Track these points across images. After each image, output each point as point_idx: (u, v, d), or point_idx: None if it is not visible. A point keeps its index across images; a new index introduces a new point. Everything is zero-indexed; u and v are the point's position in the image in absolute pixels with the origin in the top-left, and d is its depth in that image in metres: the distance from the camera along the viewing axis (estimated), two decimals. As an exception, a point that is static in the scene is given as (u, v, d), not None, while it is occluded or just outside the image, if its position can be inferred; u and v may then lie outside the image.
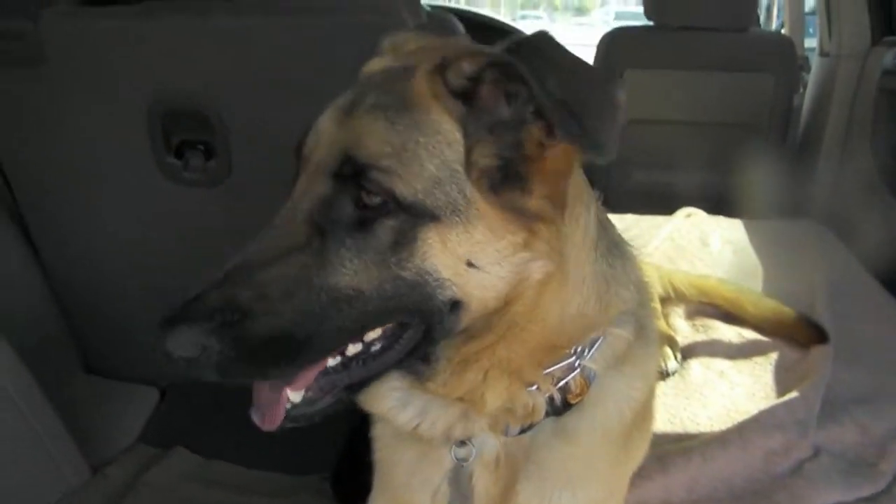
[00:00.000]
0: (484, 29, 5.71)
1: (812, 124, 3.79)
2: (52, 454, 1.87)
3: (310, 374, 1.06)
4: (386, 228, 0.97)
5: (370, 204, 0.97)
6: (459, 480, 1.22)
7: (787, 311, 2.42)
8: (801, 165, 3.84)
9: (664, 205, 3.35)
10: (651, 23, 3.75)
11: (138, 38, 1.93)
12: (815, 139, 3.70)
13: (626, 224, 2.66)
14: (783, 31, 4.15)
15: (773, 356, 2.34)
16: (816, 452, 1.93)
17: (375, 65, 1.18)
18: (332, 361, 1.05)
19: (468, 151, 0.99)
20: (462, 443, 1.19)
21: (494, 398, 1.10)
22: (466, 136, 0.99)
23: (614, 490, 1.38)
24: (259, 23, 1.92)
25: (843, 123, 3.54)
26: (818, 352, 2.28)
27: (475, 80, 0.98)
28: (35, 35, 1.90)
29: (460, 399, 1.12)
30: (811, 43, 4.12)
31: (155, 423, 2.31)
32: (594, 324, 1.13)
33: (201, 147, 2.00)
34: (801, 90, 3.93)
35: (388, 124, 0.99)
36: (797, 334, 2.39)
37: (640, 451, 1.40)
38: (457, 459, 1.20)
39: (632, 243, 1.25)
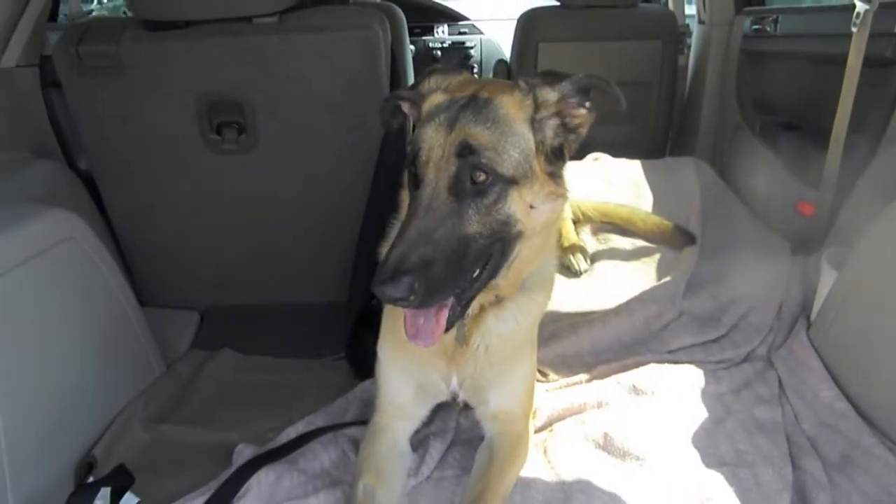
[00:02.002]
0: (421, 9, 6.35)
1: (695, 80, 4.47)
2: (144, 345, 2.57)
3: (450, 299, 1.61)
4: (492, 193, 1.57)
5: (479, 180, 1.56)
6: (460, 328, 1.86)
7: (667, 223, 3.25)
8: (688, 114, 4.60)
9: (579, 152, 4.06)
10: (558, 3, 4.43)
11: (189, 52, 2.65)
12: (698, 92, 4.39)
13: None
14: (669, 4, 4.74)
15: (657, 256, 3.17)
16: (680, 315, 2.75)
17: (436, 98, 1.69)
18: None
19: (535, 142, 1.65)
20: None
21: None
22: (534, 133, 1.65)
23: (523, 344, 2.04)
24: (275, 39, 2.68)
25: (718, 79, 4.19)
26: (688, 251, 3.11)
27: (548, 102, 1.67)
28: (116, 54, 2.61)
29: None
30: (692, 11, 4.76)
31: (201, 336, 3.02)
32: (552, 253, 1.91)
33: (235, 126, 2.74)
34: (686, 52, 4.63)
35: (485, 129, 1.58)
36: (674, 240, 3.21)
37: (531, 338, 2.08)
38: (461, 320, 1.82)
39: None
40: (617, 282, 3.01)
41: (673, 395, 2.29)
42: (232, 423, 2.38)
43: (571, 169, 3.67)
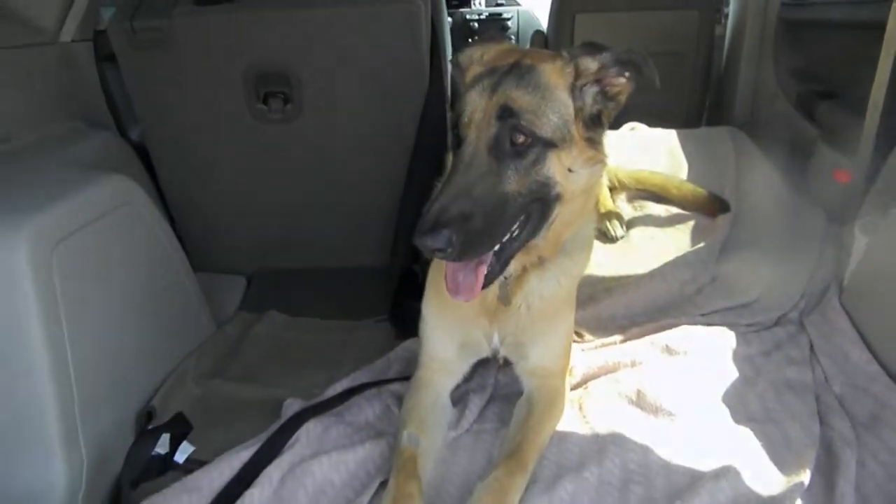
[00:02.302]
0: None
1: (732, 50, 4.45)
2: (196, 306, 2.71)
3: (489, 254, 1.71)
4: (531, 154, 1.66)
5: (518, 141, 1.65)
6: (502, 287, 1.99)
7: (701, 191, 3.29)
8: (725, 84, 4.61)
9: (616, 122, 4.12)
10: (596, -26, 4.46)
11: (236, 26, 2.75)
12: (735, 62, 4.38)
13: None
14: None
15: (690, 223, 3.23)
16: (713, 279, 2.81)
17: (480, 66, 1.78)
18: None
19: (575, 109, 1.73)
20: None
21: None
22: (574, 100, 1.73)
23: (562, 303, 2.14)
24: (320, 13, 2.78)
25: (756, 48, 4.20)
26: (722, 218, 3.16)
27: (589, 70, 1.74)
28: (168, 28, 2.73)
29: None
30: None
31: (248, 299, 3.15)
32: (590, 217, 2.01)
33: (281, 96, 2.85)
34: (723, 21, 4.64)
35: (526, 94, 1.67)
36: (709, 208, 3.25)
37: (570, 299, 2.18)
38: (504, 278, 1.96)
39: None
40: (651, 248, 3.07)
41: (704, 355, 2.36)
42: (279, 380, 2.50)
43: (607, 137, 3.77)
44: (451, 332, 2.12)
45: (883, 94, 2.87)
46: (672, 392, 2.17)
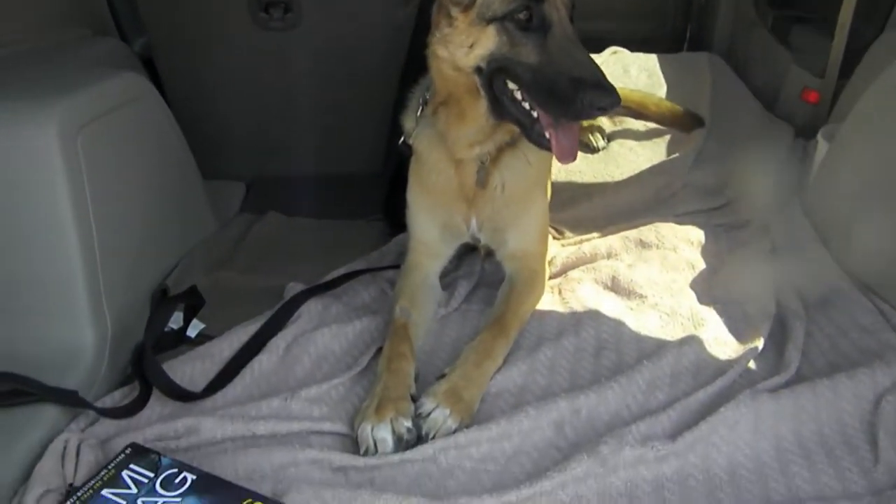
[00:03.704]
0: None
1: (714, -23, 4.64)
2: (203, 202, 2.86)
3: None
4: None
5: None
6: (479, 172, 2.17)
7: (677, 108, 3.47)
8: (706, 11, 4.73)
9: (599, 48, 4.26)
10: None
11: None
12: (717, -10, 4.56)
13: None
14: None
15: (667, 137, 3.42)
16: (685, 185, 3.00)
17: None
18: None
19: None
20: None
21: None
22: None
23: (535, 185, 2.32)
24: None
25: (736, -25, 4.39)
26: (697, 132, 3.34)
27: None
28: None
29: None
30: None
31: (248, 203, 3.30)
32: None
33: (282, 4, 2.98)
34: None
35: None
36: (684, 124, 3.44)
37: (543, 182, 2.36)
38: (481, 163, 2.16)
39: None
40: (630, 158, 3.27)
41: (675, 247, 2.55)
42: (281, 271, 2.64)
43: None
44: (433, 216, 2.30)
45: (850, 15, 3.05)
46: (644, 278, 2.37)
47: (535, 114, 1.92)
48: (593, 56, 1.91)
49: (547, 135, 1.92)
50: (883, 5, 3.05)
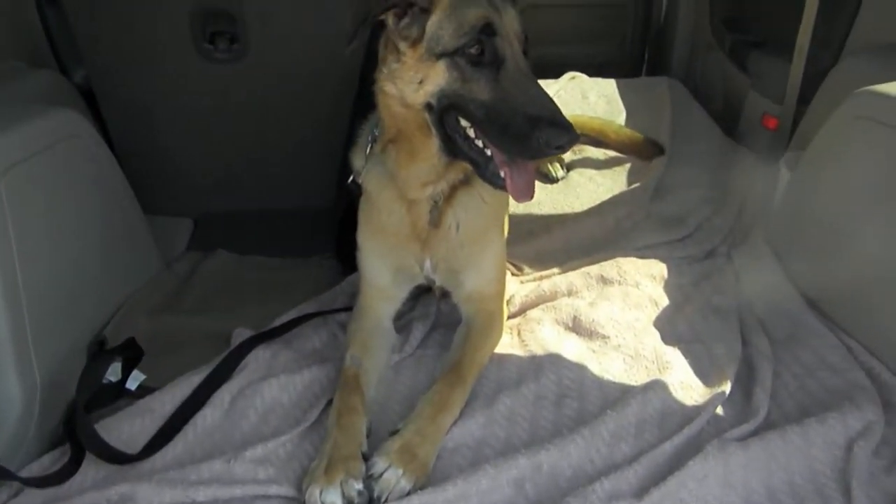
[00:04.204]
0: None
1: (670, 2, 4.56)
2: (146, 243, 2.72)
3: None
4: None
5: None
6: (432, 211, 2.07)
7: (638, 135, 3.41)
8: (664, 35, 4.70)
9: (558, 73, 4.21)
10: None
11: None
12: (674, 13, 4.44)
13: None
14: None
15: (627, 166, 3.36)
16: (648, 216, 2.93)
17: None
18: None
19: None
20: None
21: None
22: None
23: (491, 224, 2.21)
24: None
25: (692, 1, 4.36)
26: (657, 160, 3.28)
27: None
28: None
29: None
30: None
31: (195, 241, 3.16)
32: None
33: (228, 35, 2.87)
34: (662, -27, 4.72)
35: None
36: (645, 152, 3.38)
37: (499, 220, 2.26)
38: (434, 202, 2.05)
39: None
40: (590, 188, 3.19)
41: (637, 283, 2.48)
42: (229, 313, 2.54)
43: (547, 86, 3.83)
44: (384, 258, 2.19)
45: (808, 41, 3.01)
46: (606, 317, 2.29)
47: (488, 152, 1.84)
48: (550, 83, 1.87)
49: (501, 174, 1.83)
50: (839, 31, 3.01)
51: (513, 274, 2.67)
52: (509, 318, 2.39)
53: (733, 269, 2.62)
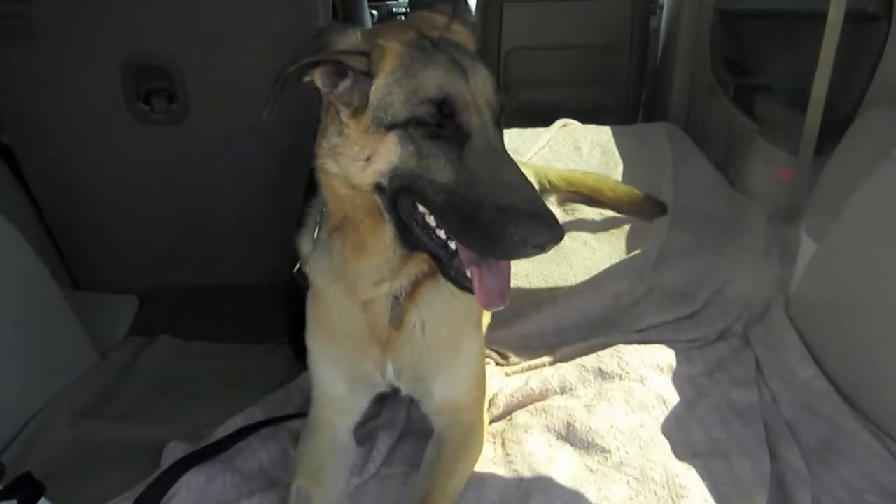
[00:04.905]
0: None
1: (668, 42, 4.28)
2: (72, 335, 2.36)
3: None
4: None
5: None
6: (393, 309, 1.70)
7: (637, 192, 3.07)
8: (661, 78, 4.41)
9: (548, 119, 3.91)
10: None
11: (109, 12, 2.41)
12: (671, 55, 4.17)
13: (510, 138, 3.21)
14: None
15: (626, 227, 3.00)
16: (650, 290, 2.57)
17: (402, 45, 1.48)
18: None
19: None
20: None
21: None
22: None
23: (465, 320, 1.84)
24: None
25: (692, 40, 4.01)
26: (659, 221, 2.94)
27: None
28: (28, 14, 2.37)
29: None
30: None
31: (139, 321, 2.80)
32: None
33: (165, 93, 2.51)
34: (658, 13, 4.46)
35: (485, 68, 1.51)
36: (645, 210, 3.03)
37: (475, 314, 1.87)
38: (394, 298, 1.67)
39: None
40: (584, 255, 2.83)
41: (641, 377, 2.11)
42: (166, 417, 2.20)
43: (537, 135, 3.49)
44: (338, 364, 1.83)
45: (825, 87, 2.70)
46: (606, 424, 1.92)
47: (452, 245, 1.48)
48: (540, 131, 1.54)
49: (468, 273, 1.47)
50: (859, 78, 2.70)
51: (496, 364, 2.31)
52: (492, 421, 2.03)
53: (752, 355, 2.27)
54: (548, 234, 1.32)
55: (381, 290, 1.65)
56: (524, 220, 1.32)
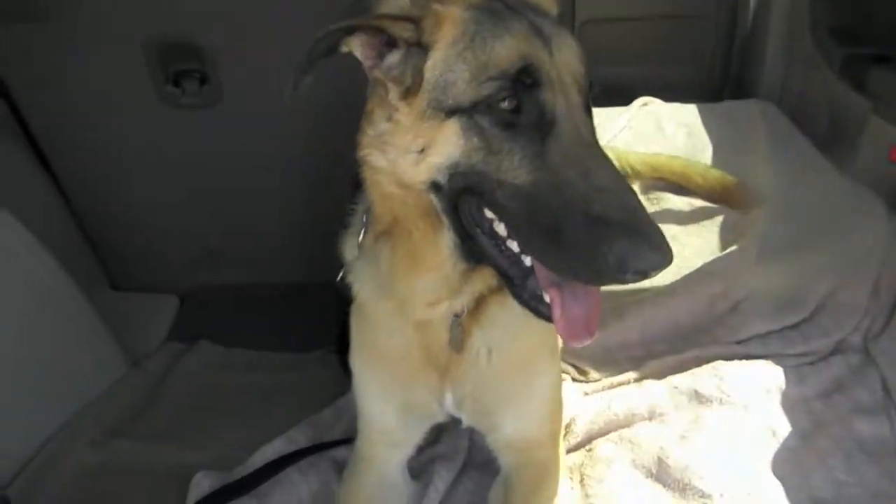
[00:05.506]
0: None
1: (759, 9, 3.90)
2: (98, 348, 2.16)
3: None
4: None
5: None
6: (453, 329, 1.43)
7: (730, 179, 2.71)
8: (751, 51, 4.01)
9: (627, 97, 3.57)
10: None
11: None
12: (763, 26, 3.81)
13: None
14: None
15: (718, 219, 2.64)
16: (751, 293, 2.23)
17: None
18: None
19: None
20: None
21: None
22: None
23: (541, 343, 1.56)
24: None
25: (787, 5, 3.67)
26: (757, 213, 2.57)
27: None
28: None
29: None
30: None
31: (179, 324, 2.59)
32: None
33: (196, 75, 2.24)
34: (750, -21, 4.06)
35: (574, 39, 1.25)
36: (740, 199, 2.67)
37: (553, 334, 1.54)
38: (455, 316, 1.40)
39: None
40: (673, 252, 2.49)
41: (746, 402, 1.81)
42: (200, 438, 2.02)
43: (616, 115, 3.15)
44: (388, 391, 1.57)
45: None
46: (704, 460, 1.63)
47: (527, 261, 1.20)
48: (618, 111, 1.32)
49: (547, 297, 1.18)
50: None
51: (573, 379, 2.02)
52: (569, 450, 1.76)
53: (878, 374, 1.93)
54: (653, 256, 1.05)
55: (439, 311, 1.37)
56: (623, 236, 1.04)
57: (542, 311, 1.20)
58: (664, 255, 1.04)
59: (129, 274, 2.67)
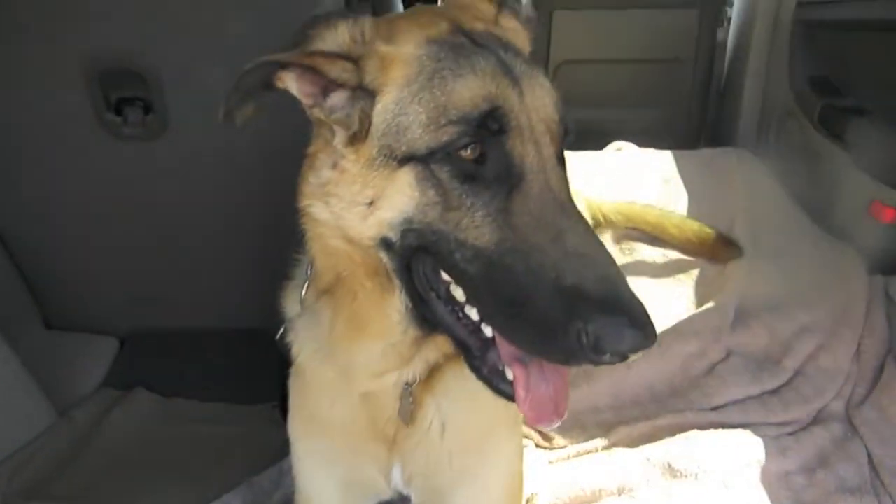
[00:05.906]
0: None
1: (736, 56, 3.86)
2: (18, 398, 1.97)
3: None
4: None
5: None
6: (403, 399, 1.27)
7: (707, 231, 2.61)
8: (727, 98, 3.96)
9: (598, 140, 3.48)
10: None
11: (68, 2, 1.99)
12: (740, 72, 3.76)
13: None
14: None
15: (694, 273, 2.54)
16: (728, 355, 2.12)
17: (423, 45, 1.08)
18: None
19: None
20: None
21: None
22: None
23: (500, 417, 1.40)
24: None
25: (764, 55, 3.61)
26: (734, 266, 2.48)
27: None
28: None
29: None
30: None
31: (117, 368, 2.40)
32: None
33: (140, 103, 2.08)
34: (726, 24, 4.02)
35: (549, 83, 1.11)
36: (717, 252, 2.58)
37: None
38: (406, 385, 1.25)
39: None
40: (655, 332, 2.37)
41: (721, 477, 1.69)
42: (127, 499, 1.80)
43: (589, 161, 3.04)
44: (329, 465, 1.41)
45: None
46: (678, 545, 1.47)
47: (488, 331, 1.06)
48: (592, 153, 1.13)
49: (509, 373, 1.05)
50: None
51: (536, 445, 1.88)
52: (532, 529, 1.59)
53: (861, 445, 1.80)
54: (634, 336, 0.91)
55: (386, 382, 1.22)
56: (599, 313, 0.91)
57: (502, 390, 1.06)
58: (647, 336, 0.91)
59: (64, 313, 2.48)
